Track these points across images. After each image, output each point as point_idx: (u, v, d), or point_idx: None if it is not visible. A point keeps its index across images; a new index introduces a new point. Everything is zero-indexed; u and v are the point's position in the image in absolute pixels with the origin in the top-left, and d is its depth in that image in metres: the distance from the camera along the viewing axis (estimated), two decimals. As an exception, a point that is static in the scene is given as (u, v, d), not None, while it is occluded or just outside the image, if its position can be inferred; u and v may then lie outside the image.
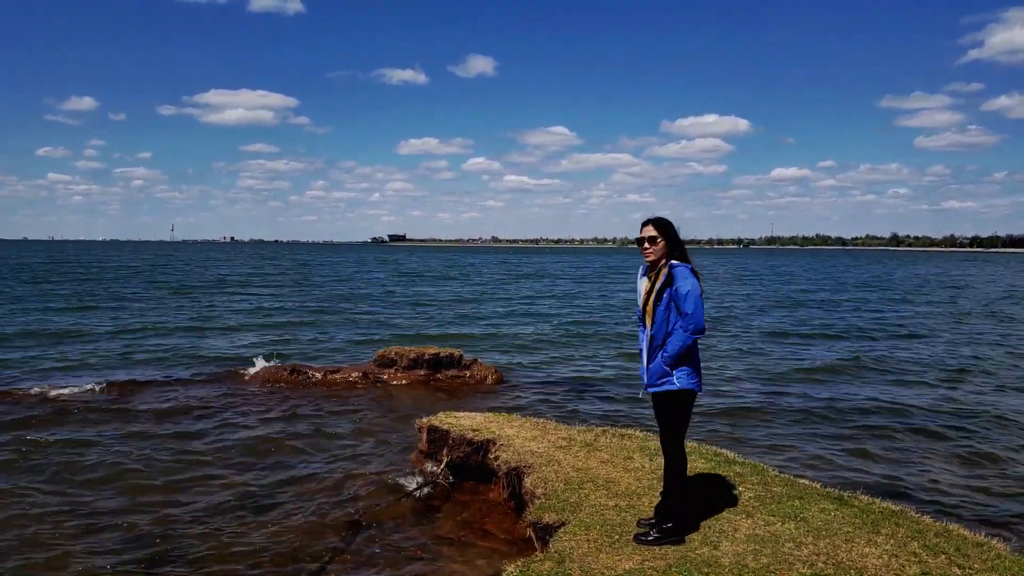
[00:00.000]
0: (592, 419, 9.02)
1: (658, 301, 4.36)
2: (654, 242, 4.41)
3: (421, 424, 7.34)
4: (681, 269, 4.36)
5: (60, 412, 10.02)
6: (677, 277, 4.32)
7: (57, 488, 7.08)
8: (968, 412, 10.69)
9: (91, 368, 13.50)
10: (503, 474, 6.35)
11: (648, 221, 4.48)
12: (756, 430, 9.57)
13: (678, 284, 4.31)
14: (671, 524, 4.48)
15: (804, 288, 41.17)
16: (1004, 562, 4.18)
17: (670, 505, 4.54)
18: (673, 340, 4.32)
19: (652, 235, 4.42)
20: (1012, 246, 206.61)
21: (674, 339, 4.32)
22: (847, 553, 4.24)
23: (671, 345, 4.32)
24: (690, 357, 4.37)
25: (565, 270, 66.98)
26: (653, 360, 4.40)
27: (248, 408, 10.59)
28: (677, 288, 4.30)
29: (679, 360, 4.33)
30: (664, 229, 4.44)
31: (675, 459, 4.50)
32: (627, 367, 14.41)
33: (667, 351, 4.33)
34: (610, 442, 6.65)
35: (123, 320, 21.13)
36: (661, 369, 4.35)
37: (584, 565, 4.22)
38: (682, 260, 4.41)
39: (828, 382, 13.06)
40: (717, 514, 4.86)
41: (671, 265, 4.38)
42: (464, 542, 5.75)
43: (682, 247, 4.48)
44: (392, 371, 12.49)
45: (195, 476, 7.52)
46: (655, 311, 4.38)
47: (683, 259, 4.42)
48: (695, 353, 4.42)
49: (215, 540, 5.90)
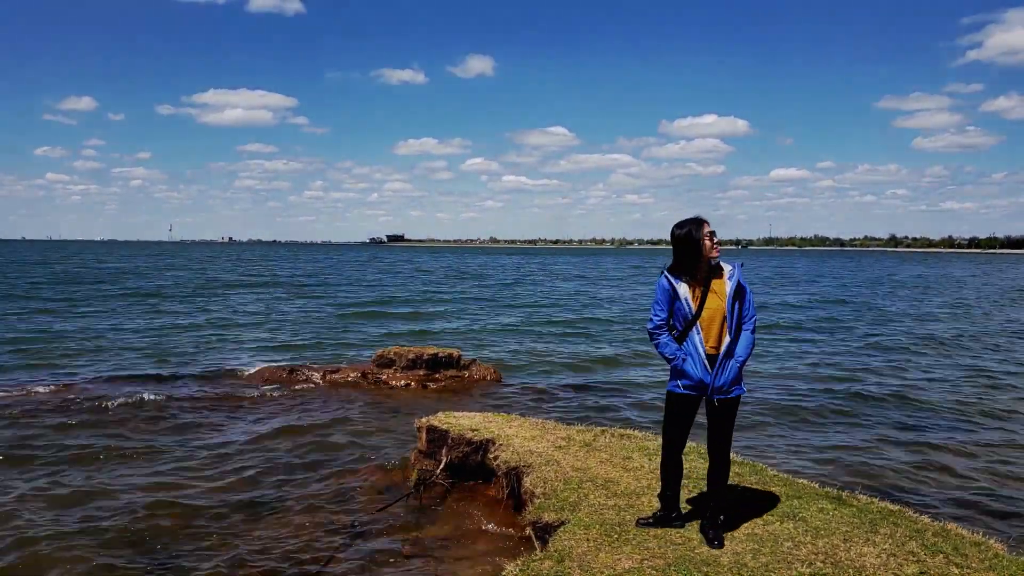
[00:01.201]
0: (591, 419, 9.03)
1: (732, 308, 4.28)
2: (714, 237, 4.28)
3: (420, 424, 7.34)
4: (738, 271, 4.32)
5: (54, 410, 10.02)
6: (743, 281, 4.31)
7: (52, 488, 7.07)
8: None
9: (93, 363, 13.50)
10: (502, 474, 6.36)
11: (703, 219, 4.32)
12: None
13: (745, 288, 4.30)
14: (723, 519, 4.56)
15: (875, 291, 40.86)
16: (1002, 561, 4.19)
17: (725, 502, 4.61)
18: (744, 343, 4.28)
19: (712, 231, 4.28)
20: (1011, 247, 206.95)
21: (745, 341, 4.29)
22: (845, 552, 4.26)
23: (744, 349, 4.28)
24: None
25: (606, 272, 64.86)
26: (724, 367, 4.26)
27: (246, 408, 10.59)
28: (746, 292, 4.30)
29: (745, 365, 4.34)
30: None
31: (726, 462, 4.51)
32: (626, 367, 14.43)
33: (740, 356, 4.27)
34: (609, 442, 6.66)
35: (141, 316, 21.13)
36: (737, 375, 4.29)
37: (584, 564, 4.23)
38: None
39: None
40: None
41: (735, 267, 4.33)
42: (464, 542, 5.76)
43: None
44: (391, 371, 12.49)
45: (192, 476, 7.52)
46: (731, 319, 4.25)
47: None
48: None
49: (212, 541, 5.91)
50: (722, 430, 4.42)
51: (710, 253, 4.26)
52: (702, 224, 4.28)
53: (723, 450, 4.46)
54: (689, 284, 4.32)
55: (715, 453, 4.49)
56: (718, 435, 4.44)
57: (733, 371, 4.28)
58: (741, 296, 4.30)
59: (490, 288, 40.14)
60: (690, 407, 4.44)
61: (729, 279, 4.29)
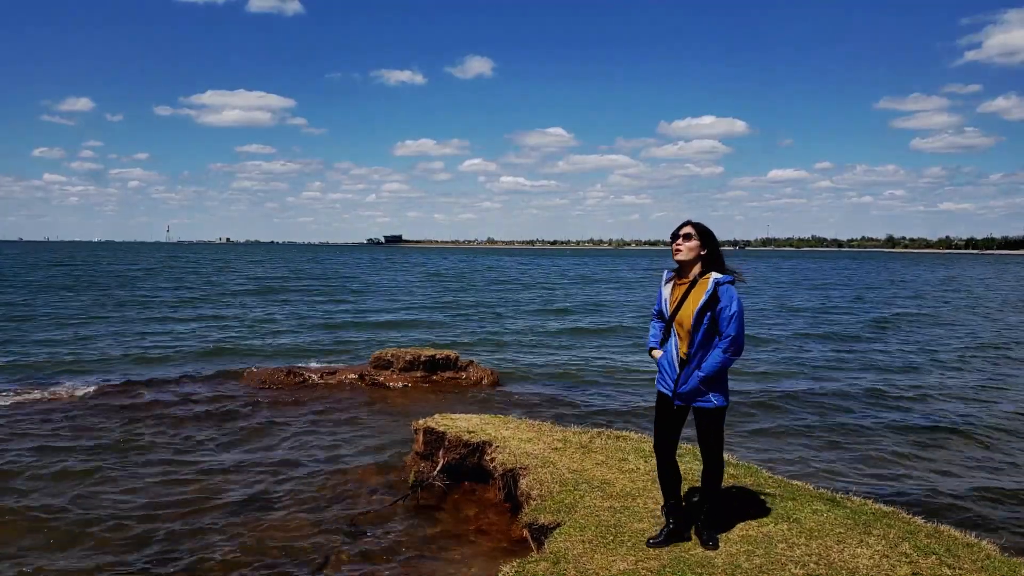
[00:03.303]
0: (588, 421, 9.05)
1: (700, 319, 4.16)
2: (688, 239, 4.21)
3: (417, 426, 7.36)
4: (727, 288, 4.14)
5: (47, 412, 10.02)
6: (723, 296, 4.12)
7: (50, 488, 7.09)
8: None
9: (86, 367, 13.50)
10: (499, 475, 6.38)
11: (688, 222, 4.29)
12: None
13: (723, 304, 4.11)
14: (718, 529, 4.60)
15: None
16: (994, 563, 4.23)
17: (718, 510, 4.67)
18: (711, 360, 4.15)
19: (688, 232, 4.22)
20: (1008, 247, 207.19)
21: (712, 359, 4.15)
22: (839, 554, 4.29)
23: (708, 365, 4.15)
24: (725, 376, 4.25)
25: (634, 271, 63.13)
26: (687, 376, 4.24)
27: (243, 409, 10.60)
28: (722, 308, 4.11)
29: (715, 380, 4.19)
30: (705, 234, 4.24)
31: (717, 471, 4.47)
32: (624, 367, 14.45)
33: (703, 371, 4.16)
34: (605, 444, 6.69)
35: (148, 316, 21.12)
36: (696, 387, 4.22)
37: (579, 565, 4.25)
38: (721, 271, 4.22)
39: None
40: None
41: (716, 281, 4.15)
42: (460, 543, 5.78)
43: (721, 259, 4.27)
44: (388, 373, 12.50)
45: (189, 477, 7.52)
46: (696, 329, 4.17)
47: (722, 270, 4.23)
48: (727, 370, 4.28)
49: (211, 541, 5.92)
50: (703, 437, 4.41)
51: (675, 255, 4.27)
52: (680, 226, 4.30)
53: (709, 455, 4.44)
54: (676, 285, 4.34)
55: (703, 456, 4.51)
56: (701, 441, 4.45)
57: (693, 382, 4.21)
58: (714, 309, 4.13)
59: (534, 292, 38.59)
60: (667, 406, 4.41)
61: (708, 290, 4.15)
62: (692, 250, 4.22)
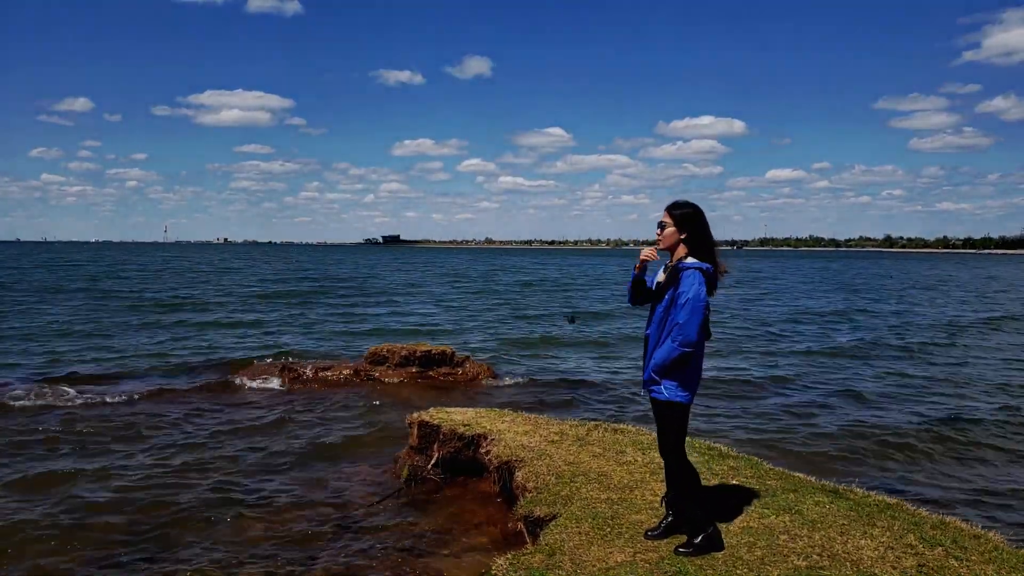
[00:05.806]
0: (585, 414, 8.94)
1: (659, 300, 4.05)
2: (662, 228, 4.05)
3: (412, 419, 7.24)
4: (690, 273, 3.93)
5: (45, 409, 9.90)
6: (683, 280, 3.93)
7: (49, 487, 6.96)
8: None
9: (95, 366, 13.37)
10: (494, 468, 6.27)
11: (667, 207, 4.09)
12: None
13: (681, 289, 3.91)
14: (701, 538, 4.13)
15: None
16: (1002, 554, 4.12)
17: (690, 516, 4.19)
18: (661, 349, 3.98)
19: (662, 221, 4.06)
20: (1005, 247, 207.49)
21: (662, 348, 3.97)
22: (842, 545, 4.17)
23: (658, 354, 3.98)
24: (682, 368, 3.97)
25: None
26: (647, 362, 4.09)
27: (238, 405, 10.48)
28: (679, 293, 3.92)
29: (667, 371, 3.97)
30: (684, 218, 4.01)
31: (672, 469, 4.17)
32: (623, 366, 14.34)
33: (655, 359, 4.00)
34: (602, 436, 6.57)
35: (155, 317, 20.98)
36: (650, 375, 4.05)
37: (575, 558, 4.14)
38: (705, 259, 3.99)
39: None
40: (710, 507, 4.78)
41: (681, 265, 3.98)
42: (455, 536, 5.66)
43: (709, 243, 4.03)
44: (384, 368, 12.38)
45: (185, 474, 7.40)
46: (655, 310, 4.09)
47: (706, 258, 4.00)
48: (692, 363, 3.99)
49: (203, 536, 5.81)
50: (658, 430, 4.19)
51: (657, 243, 4.14)
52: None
53: (662, 452, 4.20)
54: (666, 270, 4.17)
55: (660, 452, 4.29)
56: (657, 434, 4.22)
57: (648, 370, 4.06)
58: (676, 297, 3.96)
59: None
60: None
61: (669, 272, 4.05)
62: (669, 237, 4.05)
